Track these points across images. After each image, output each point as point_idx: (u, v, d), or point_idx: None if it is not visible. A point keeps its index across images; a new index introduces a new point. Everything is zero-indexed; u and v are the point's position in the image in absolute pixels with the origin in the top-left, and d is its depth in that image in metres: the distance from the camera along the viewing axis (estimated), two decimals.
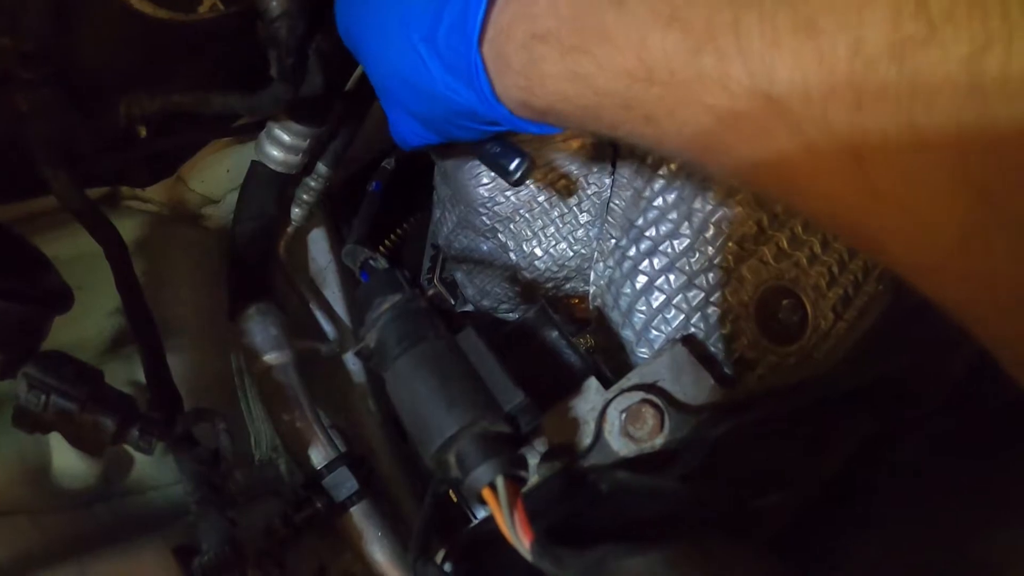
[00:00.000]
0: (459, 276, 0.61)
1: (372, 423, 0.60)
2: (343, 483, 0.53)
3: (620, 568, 0.33)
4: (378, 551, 0.54)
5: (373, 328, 0.40)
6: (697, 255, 0.50)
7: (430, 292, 0.41)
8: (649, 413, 0.43)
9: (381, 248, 0.70)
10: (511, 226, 0.56)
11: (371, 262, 0.44)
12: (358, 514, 0.54)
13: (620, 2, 0.31)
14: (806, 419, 0.43)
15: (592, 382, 0.46)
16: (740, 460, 0.42)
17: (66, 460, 0.47)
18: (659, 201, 0.52)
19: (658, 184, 0.52)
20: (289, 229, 0.61)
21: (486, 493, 0.36)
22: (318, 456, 0.54)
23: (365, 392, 0.61)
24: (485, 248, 0.58)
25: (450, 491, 0.46)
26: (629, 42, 0.30)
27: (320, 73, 0.53)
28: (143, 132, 0.52)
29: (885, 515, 0.39)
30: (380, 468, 0.59)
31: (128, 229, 0.57)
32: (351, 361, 0.61)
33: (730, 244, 0.50)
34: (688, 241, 0.50)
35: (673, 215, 0.51)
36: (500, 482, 0.36)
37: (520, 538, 0.35)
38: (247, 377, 0.57)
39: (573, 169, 0.55)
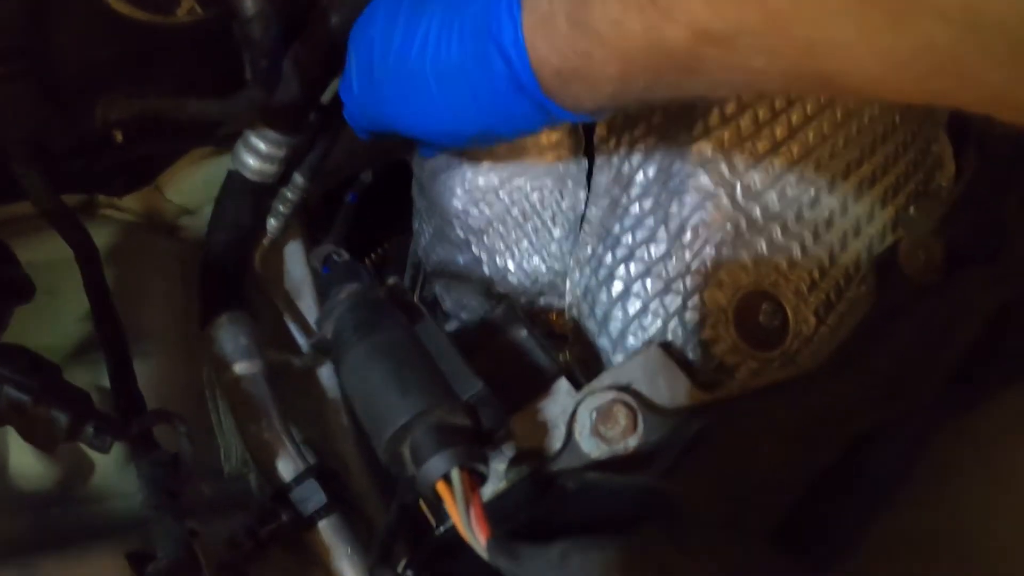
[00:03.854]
0: (438, 289, 0.61)
1: (346, 438, 0.58)
2: (311, 496, 0.51)
3: (582, 561, 0.31)
4: (348, 568, 0.52)
5: (330, 318, 0.39)
6: (674, 260, 0.49)
7: (390, 282, 0.40)
8: (621, 413, 0.42)
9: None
10: (484, 239, 0.56)
11: (334, 256, 0.44)
12: (327, 530, 0.52)
13: None
14: (792, 418, 0.42)
15: (562, 383, 0.44)
16: (720, 459, 0.40)
17: (23, 460, 0.46)
18: (635, 208, 0.51)
19: (635, 191, 0.52)
20: (264, 241, 0.60)
21: (440, 486, 0.35)
22: (286, 468, 0.52)
23: (338, 407, 0.59)
24: (461, 261, 0.57)
25: (420, 501, 0.45)
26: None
27: (296, 80, 0.53)
28: (119, 137, 0.52)
29: (882, 499, 0.38)
30: (353, 485, 0.57)
31: (103, 237, 0.56)
32: (325, 375, 0.60)
33: (707, 248, 0.49)
34: (665, 246, 0.50)
35: (649, 221, 0.51)
36: (455, 475, 0.34)
37: (476, 535, 0.34)
38: (218, 389, 0.56)
39: (548, 183, 0.55)
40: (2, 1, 0.45)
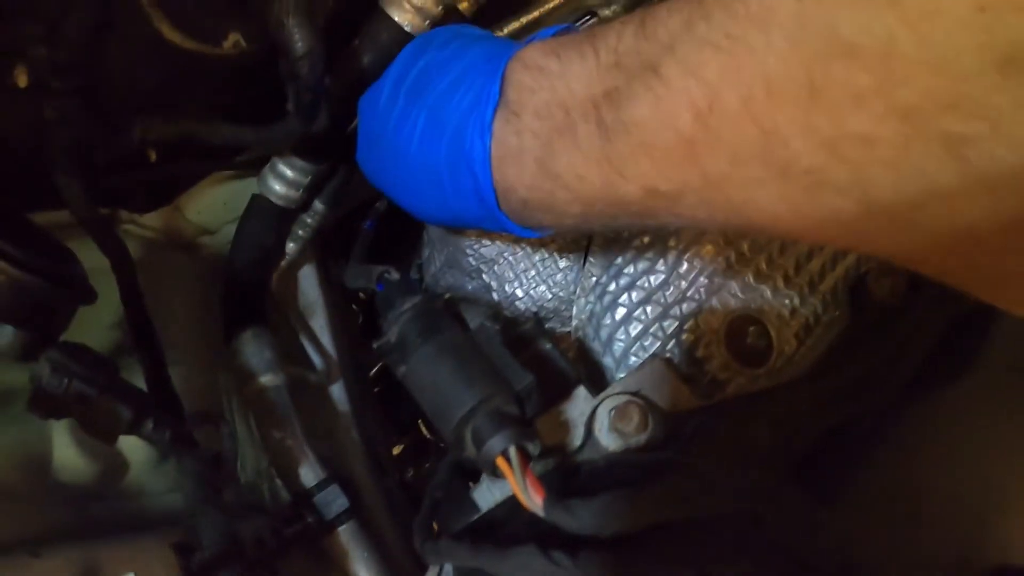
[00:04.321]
0: None
1: (355, 453, 0.61)
2: (333, 501, 0.54)
3: (623, 504, 0.36)
4: (364, 572, 0.54)
5: (395, 324, 0.44)
6: (671, 288, 0.55)
7: (447, 296, 0.45)
8: (635, 411, 0.47)
9: (362, 295, 0.73)
10: (495, 268, 0.60)
11: (386, 275, 0.48)
12: (345, 534, 0.55)
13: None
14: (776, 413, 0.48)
15: (582, 390, 0.49)
16: (718, 443, 0.46)
17: (67, 455, 0.47)
18: (636, 242, 0.57)
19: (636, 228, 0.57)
20: (283, 262, 0.63)
21: (499, 461, 0.39)
22: (308, 475, 0.55)
23: (349, 422, 0.62)
24: (470, 287, 0.61)
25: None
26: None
27: (327, 113, 0.57)
28: (153, 156, 0.55)
29: (856, 462, 0.44)
30: (363, 498, 0.60)
31: None
32: (336, 392, 0.63)
33: (701, 279, 0.55)
34: (663, 276, 0.55)
35: (649, 253, 0.56)
36: (512, 451, 0.39)
37: (532, 498, 0.38)
38: (235, 400, 0.58)
39: None
40: (73, 22, 0.48)
